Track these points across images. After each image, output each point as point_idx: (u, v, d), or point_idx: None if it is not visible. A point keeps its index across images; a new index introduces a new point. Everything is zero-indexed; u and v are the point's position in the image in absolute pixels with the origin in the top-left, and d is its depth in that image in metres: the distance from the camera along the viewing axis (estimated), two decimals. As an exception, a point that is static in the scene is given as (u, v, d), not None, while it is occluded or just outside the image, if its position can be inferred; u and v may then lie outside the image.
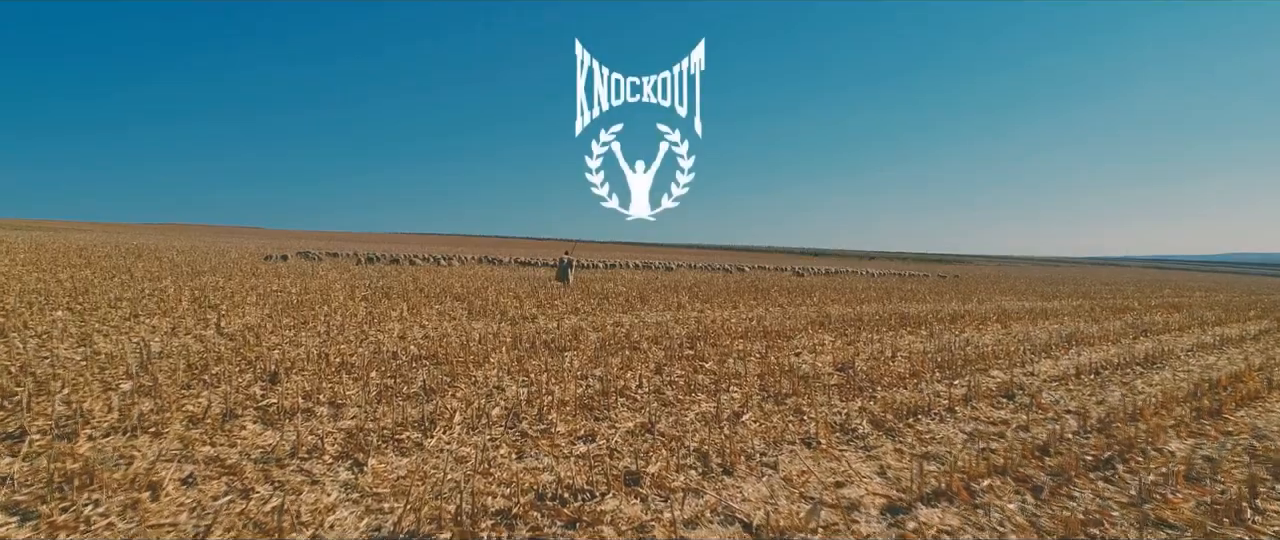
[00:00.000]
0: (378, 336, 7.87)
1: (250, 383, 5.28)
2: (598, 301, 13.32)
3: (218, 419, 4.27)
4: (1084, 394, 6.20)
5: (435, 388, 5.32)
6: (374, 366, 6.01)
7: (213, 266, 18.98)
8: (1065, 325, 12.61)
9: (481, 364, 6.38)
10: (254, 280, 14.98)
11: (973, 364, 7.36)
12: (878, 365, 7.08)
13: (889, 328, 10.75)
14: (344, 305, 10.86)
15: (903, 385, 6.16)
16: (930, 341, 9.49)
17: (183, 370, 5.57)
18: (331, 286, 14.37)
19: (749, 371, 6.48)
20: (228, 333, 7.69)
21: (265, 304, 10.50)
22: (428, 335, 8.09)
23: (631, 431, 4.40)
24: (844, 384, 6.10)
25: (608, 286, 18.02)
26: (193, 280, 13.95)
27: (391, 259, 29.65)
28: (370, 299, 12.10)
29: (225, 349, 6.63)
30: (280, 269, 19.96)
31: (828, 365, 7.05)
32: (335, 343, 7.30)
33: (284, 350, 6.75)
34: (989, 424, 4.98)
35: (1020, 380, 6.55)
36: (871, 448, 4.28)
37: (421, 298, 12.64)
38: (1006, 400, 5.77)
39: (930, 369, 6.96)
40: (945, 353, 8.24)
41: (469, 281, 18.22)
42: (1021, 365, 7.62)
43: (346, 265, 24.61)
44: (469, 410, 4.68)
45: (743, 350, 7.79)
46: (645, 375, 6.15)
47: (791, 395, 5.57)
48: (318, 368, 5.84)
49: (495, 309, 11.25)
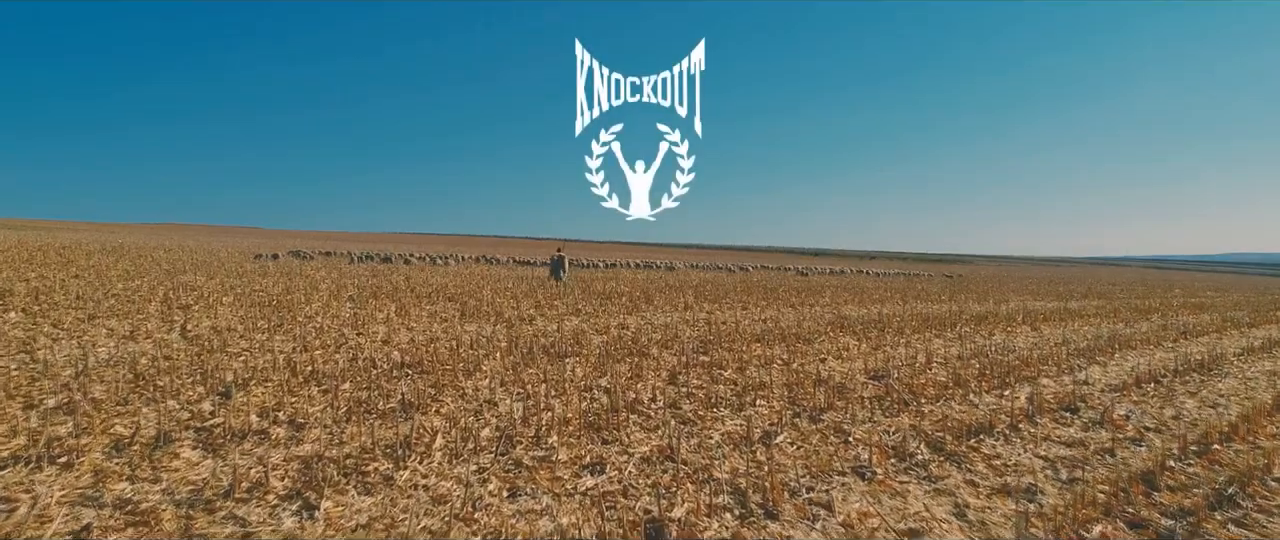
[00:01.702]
0: (359, 341, 7.13)
1: (200, 397, 4.53)
2: (599, 302, 12.58)
3: (148, 444, 3.53)
4: (1155, 407, 5.47)
5: (417, 402, 4.58)
6: (349, 376, 5.27)
7: (197, 266, 18.22)
8: (1096, 327, 11.89)
9: (472, 373, 5.63)
10: (237, 280, 14.22)
11: (1017, 371, 6.62)
12: (914, 373, 6.34)
13: (912, 330, 10.02)
14: (328, 306, 10.12)
15: (948, 397, 5.43)
16: (960, 344, 8.76)
17: (126, 381, 4.82)
18: (319, 286, 13.62)
19: (774, 380, 5.74)
20: (192, 336, 6.94)
21: (242, 305, 9.75)
22: (415, 339, 7.35)
23: (647, 459, 3.66)
24: (882, 395, 5.37)
25: (609, 286, 17.28)
26: (170, 280, 13.19)
27: (384, 258, 28.89)
28: (357, 299, 11.35)
29: (183, 355, 5.88)
30: (269, 268, 19.20)
31: (859, 373, 6.31)
32: (310, 348, 6.55)
33: (251, 356, 6.01)
34: (1063, 445, 4.25)
35: (1078, 391, 5.81)
36: (937, 479, 3.55)
37: (413, 298, 11.89)
38: (1070, 415, 5.04)
39: (973, 377, 6.23)
40: (981, 358, 7.51)
41: (464, 281, 17.48)
42: (1070, 373, 6.89)
43: (339, 264, 23.85)
44: (454, 432, 3.94)
45: (763, 356, 7.05)
46: (658, 386, 5.41)
47: (827, 410, 4.83)
48: (284, 378, 5.09)
49: (490, 310, 10.51)
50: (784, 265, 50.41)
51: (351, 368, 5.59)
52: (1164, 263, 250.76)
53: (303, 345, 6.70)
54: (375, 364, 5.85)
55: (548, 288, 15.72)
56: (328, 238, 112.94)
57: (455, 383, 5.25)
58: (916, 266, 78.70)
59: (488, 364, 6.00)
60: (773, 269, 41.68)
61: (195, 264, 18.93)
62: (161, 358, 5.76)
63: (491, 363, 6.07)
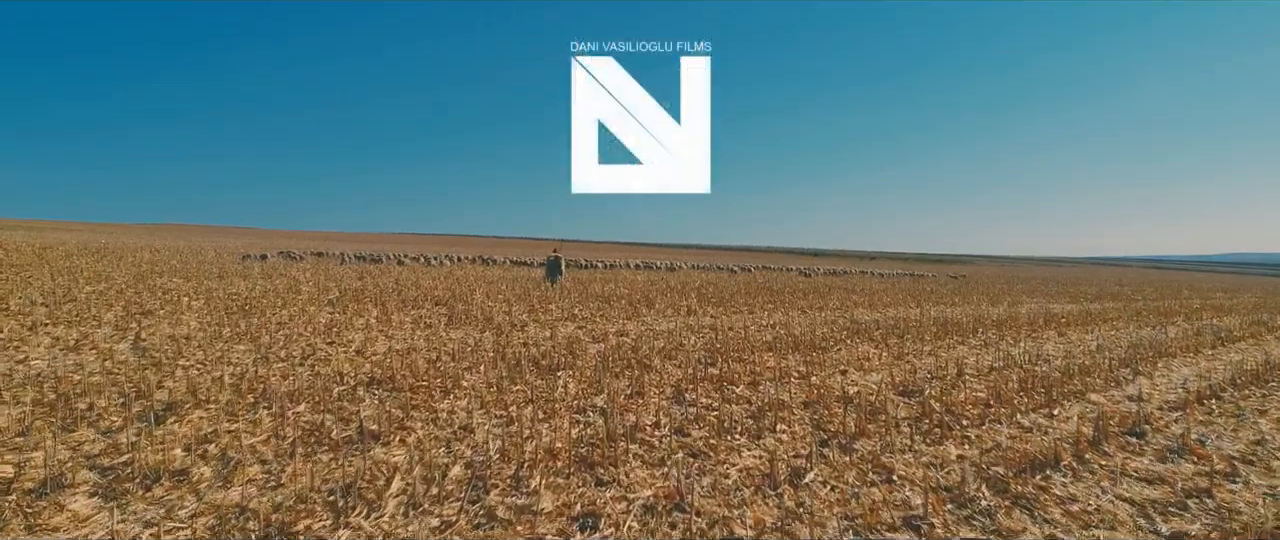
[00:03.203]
0: (329, 351, 6.44)
1: (123, 424, 3.84)
2: (597, 305, 11.89)
3: (27, 492, 2.84)
4: (1228, 429, 4.78)
5: (380, 429, 3.89)
6: (308, 395, 4.57)
7: (178, 267, 17.50)
8: (1123, 331, 11.21)
9: (450, 390, 4.94)
10: (216, 282, 13.52)
11: (1060, 385, 5.94)
12: (947, 388, 5.66)
13: (933, 336, 9.34)
14: (304, 311, 9.42)
15: (992, 417, 4.75)
16: (988, 352, 8.07)
17: (41, 404, 4.13)
18: (300, 288, 12.91)
19: (792, 398, 5.05)
20: (144, 346, 6.25)
21: (211, 310, 9.06)
22: (392, 349, 6.65)
23: (651, 507, 2.97)
24: (919, 416, 4.68)
25: (608, 289, 16.58)
26: (141, 283, 12.48)
27: (375, 258, 28.18)
28: (338, 303, 10.65)
29: (127, 370, 5.19)
30: (253, 269, 18.49)
31: (887, 388, 5.62)
32: (271, 361, 5.86)
33: (202, 370, 5.32)
34: (1144, 482, 3.57)
35: (1136, 410, 5.13)
36: (1011, 536, 2.86)
37: (398, 302, 11.19)
38: (1137, 440, 4.36)
39: (1014, 392, 5.54)
40: (1016, 368, 6.82)
41: (456, 283, 16.77)
42: (1117, 385, 6.21)
43: (328, 265, 23.14)
44: (416, 470, 3.25)
45: (776, 368, 6.36)
46: (661, 406, 4.72)
47: (860, 436, 4.15)
48: (227, 399, 4.41)
49: (480, 315, 9.82)
50: (785, 265, 49.72)
51: (313, 385, 4.89)
52: (1163, 263, 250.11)
53: (264, 357, 6.00)
54: (341, 379, 5.16)
55: (543, 290, 15.03)
56: (325, 238, 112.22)
57: (429, 403, 4.57)
58: (919, 267, 78.02)
59: (469, 379, 5.31)
60: (774, 269, 41.00)
61: (177, 265, 18.22)
62: (100, 372, 5.07)
63: (474, 377, 5.38)
